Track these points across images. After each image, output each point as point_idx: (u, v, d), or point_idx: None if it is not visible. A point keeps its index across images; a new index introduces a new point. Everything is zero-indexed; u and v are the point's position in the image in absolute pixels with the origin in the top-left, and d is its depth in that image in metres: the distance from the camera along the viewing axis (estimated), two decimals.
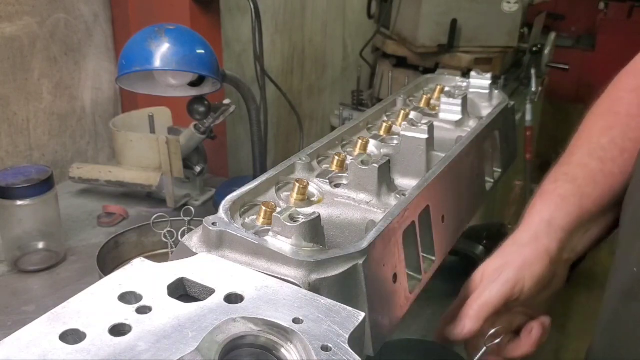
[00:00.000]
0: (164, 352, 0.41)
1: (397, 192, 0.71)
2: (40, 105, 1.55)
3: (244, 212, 0.64)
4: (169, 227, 1.11)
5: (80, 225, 1.35)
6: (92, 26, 1.66)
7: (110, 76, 1.73)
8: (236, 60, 2.06)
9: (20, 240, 1.18)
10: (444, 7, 2.37)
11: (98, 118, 1.73)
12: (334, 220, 0.67)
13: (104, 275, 0.87)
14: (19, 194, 1.12)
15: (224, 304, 0.47)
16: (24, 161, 1.52)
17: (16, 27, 1.45)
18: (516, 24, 2.37)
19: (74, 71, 1.63)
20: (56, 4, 1.54)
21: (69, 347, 0.41)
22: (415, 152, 0.79)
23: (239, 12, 2.01)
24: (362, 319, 0.47)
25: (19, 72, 1.47)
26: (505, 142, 1.02)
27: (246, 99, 1.42)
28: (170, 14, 1.58)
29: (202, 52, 1.21)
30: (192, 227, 1.08)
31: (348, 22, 2.78)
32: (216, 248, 0.57)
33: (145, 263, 0.51)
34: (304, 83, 2.57)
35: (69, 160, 1.63)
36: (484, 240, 1.22)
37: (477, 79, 1.04)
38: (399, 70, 2.52)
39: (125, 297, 0.46)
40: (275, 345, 0.44)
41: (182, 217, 1.11)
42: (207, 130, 1.37)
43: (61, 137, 1.63)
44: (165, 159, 1.37)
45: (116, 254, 1.11)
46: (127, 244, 1.13)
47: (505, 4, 2.36)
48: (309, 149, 0.78)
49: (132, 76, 1.25)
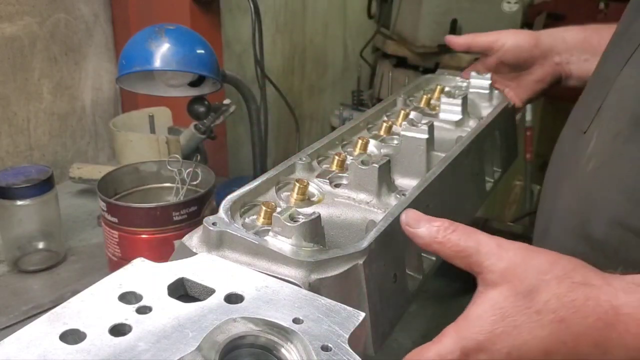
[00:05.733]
0: (164, 352, 0.41)
1: (397, 192, 0.71)
2: (40, 105, 1.55)
3: (244, 212, 0.64)
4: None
5: (80, 225, 1.35)
6: (92, 26, 1.66)
7: (110, 76, 1.73)
8: (236, 60, 2.06)
9: (20, 240, 1.18)
10: (444, 7, 2.37)
11: (98, 118, 1.73)
12: (334, 220, 0.67)
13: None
14: (19, 194, 1.12)
15: (224, 304, 0.47)
16: (24, 161, 1.52)
17: (16, 27, 1.45)
18: (516, 24, 2.37)
19: (74, 71, 1.63)
20: (56, 4, 1.54)
21: (69, 347, 0.41)
22: (415, 152, 0.79)
23: (239, 12, 2.01)
24: (362, 319, 0.47)
25: (19, 72, 1.47)
26: (505, 142, 1.02)
27: (246, 99, 1.42)
28: (170, 14, 1.58)
29: (202, 52, 1.21)
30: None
31: (348, 22, 2.78)
32: (216, 248, 0.57)
33: (145, 263, 0.51)
34: (304, 83, 2.58)
35: (69, 160, 1.63)
36: None
37: (477, 79, 1.04)
38: (399, 70, 2.52)
39: (126, 297, 0.46)
40: (276, 345, 0.44)
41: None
42: (207, 130, 1.37)
43: (61, 137, 1.63)
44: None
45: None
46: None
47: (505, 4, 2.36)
48: (309, 149, 0.78)
49: (132, 76, 1.25)
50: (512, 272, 0.49)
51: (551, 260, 0.49)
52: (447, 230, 0.53)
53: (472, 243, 0.51)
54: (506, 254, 0.50)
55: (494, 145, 0.98)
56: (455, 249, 0.52)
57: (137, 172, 1.18)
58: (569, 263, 0.49)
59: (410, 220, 0.55)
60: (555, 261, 0.49)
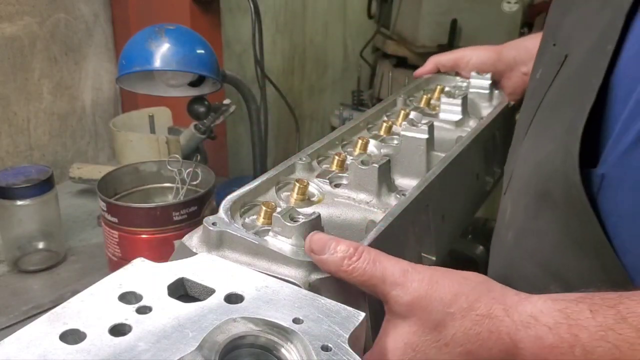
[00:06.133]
0: (164, 352, 0.41)
1: (397, 192, 0.71)
2: (40, 105, 1.55)
3: (244, 212, 0.64)
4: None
5: (80, 225, 1.35)
6: (92, 26, 1.66)
7: (110, 76, 1.73)
8: (236, 60, 2.06)
9: (20, 240, 1.18)
10: (444, 7, 2.37)
11: (98, 118, 1.73)
12: (334, 220, 0.67)
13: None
14: (19, 194, 1.12)
15: (224, 304, 0.47)
16: (24, 161, 1.52)
17: (16, 27, 1.45)
18: (516, 24, 2.37)
19: (74, 71, 1.63)
20: (56, 4, 1.54)
21: (69, 347, 0.41)
22: (415, 152, 0.79)
23: (239, 12, 2.01)
24: (362, 319, 0.47)
25: (19, 72, 1.47)
26: (505, 142, 1.02)
27: (246, 99, 1.42)
28: (170, 14, 1.58)
29: (202, 52, 1.21)
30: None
31: (348, 22, 2.78)
32: (216, 248, 0.57)
33: (145, 263, 0.51)
34: (304, 83, 2.58)
35: (69, 160, 1.63)
36: (469, 235, 1.23)
37: (477, 79, 1.04)
38: (399, 70, 2.52)
39: (126, 297, 0.46)
40: (276, 345, 0.44)
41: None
42: (207, 130, 1.37)
43: (61, 137, 1.63)
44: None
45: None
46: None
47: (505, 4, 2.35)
48: (309, 149, 0.78)
49: (132, 76, 1.25)
50: (417, 305, 0.50)
51: (454, 291, 0.50)
52: (351, 258, 0.52)
53: (378, 272, 0.51)
54: (411, 285, 0.51)
55: (494, 145, 0.98)
56: (361, 278, 0.52)
57: (137, 172, 1.18)
58: (473, 292, 0.50)
59: (314, 246, 0.54)
60: (459, 292, 0.50)
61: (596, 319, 0.45)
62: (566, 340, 0.45)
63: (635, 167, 0.52)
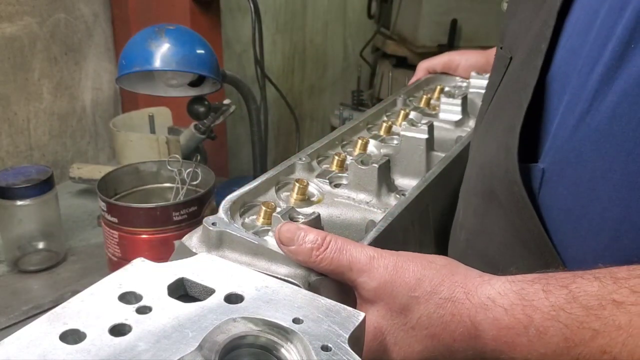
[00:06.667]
0: (164, 352, 0.41)
1: (397, 192, 0.71)
2: (40, 105, 1.55)
3: (244, 212, 0.64)
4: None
5: (80, 225, 1.35)
6: (92, 26, 1.66)
7: (110, 76, 1.73)
8: (236, 60, 2.06)
9: (20, 240, 1.18)
10: (444, 7, 2.37)
11: (98, 118, 1.73)
12: (334, 220, 0.67)
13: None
14: (19, 194, 1.12)
15: (224, 304, 0.47)
16: (24, 161, 1.52)
17: (16, 27, 1.45)
18: None
19: (74, 71, 1.63)
20: (56, 4, 1.54)
21: (69, 347, 0.41)
22: (415, 152, 0.79)
23: (239, 12, 2.01)
24: (362, 319, 0.47)
25: (19, 72, 1.47)
26: None
27: (246, 99, 1.42)
28: (170, 14, 1.58)
29: (202, 52, 1.21)
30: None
31: (348, 22, 2.78)
32: (216, 248, 0.57)
33: (145, 263, 0.51)
34: (304, 83, 2.58)
35: (69, 160, 1.63)
36: None
37: (477, 79, 1.04)
38: (399, 70, 2.52)
39: (125, 297, 0.46)
40: (275, 345, 0.44)
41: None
42: (207, 130, 1.37)
43: (61, 137, 1.63)
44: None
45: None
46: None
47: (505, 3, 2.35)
48: (309, 149, 0.78)
49: (132, 76, 1.25)
50: (383, 291, 0.52)
51: (418, 276, 0.51)
52: (319, 249, 0.53)
53: (344, 261, 0.53)
54: (377, 271, 0.52)
55: None
56: (329, 267, 0.53)
57: (137, 172, 1.18)
58: (436, 276, 0.51)
59: (282, 238, 0.54)
60: (423, 276, 0.51)
61: (549, 299, 0.45)
62: (521, 321, 0.46)
63: (572, 162, 0.53)
